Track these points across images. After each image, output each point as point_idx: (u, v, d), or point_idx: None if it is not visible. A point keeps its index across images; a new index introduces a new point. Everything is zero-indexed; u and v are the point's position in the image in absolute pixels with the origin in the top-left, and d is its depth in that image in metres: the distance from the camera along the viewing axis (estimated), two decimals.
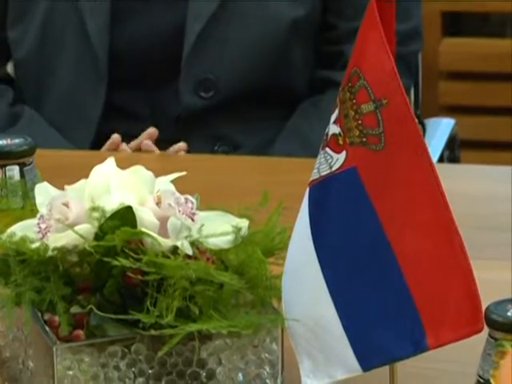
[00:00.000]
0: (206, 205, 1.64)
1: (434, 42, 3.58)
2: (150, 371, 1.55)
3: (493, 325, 1.43)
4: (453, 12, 3.70)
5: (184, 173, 1.65)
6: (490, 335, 1.43)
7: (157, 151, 2.25)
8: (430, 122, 2.72)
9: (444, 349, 1.46)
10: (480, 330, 1.44)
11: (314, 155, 1.51)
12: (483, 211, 1.70)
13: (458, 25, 3.73)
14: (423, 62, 2.72)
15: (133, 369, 1.54)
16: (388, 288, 1.46)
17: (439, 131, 2.61)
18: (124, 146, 2.26)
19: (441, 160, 2.57)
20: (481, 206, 1.67)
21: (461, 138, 2.70)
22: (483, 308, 1.44)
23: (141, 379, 1.55)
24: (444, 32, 3.71)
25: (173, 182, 1.64)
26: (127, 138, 2.30)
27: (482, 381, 1.43)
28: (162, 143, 2.29)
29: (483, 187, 1.98)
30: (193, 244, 1.57)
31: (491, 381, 1.42)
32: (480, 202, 1.72)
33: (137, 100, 2.32)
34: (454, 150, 2.61)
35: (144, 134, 2.27)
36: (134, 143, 2.29)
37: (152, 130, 2.26)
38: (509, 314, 1.42)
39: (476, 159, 2.78)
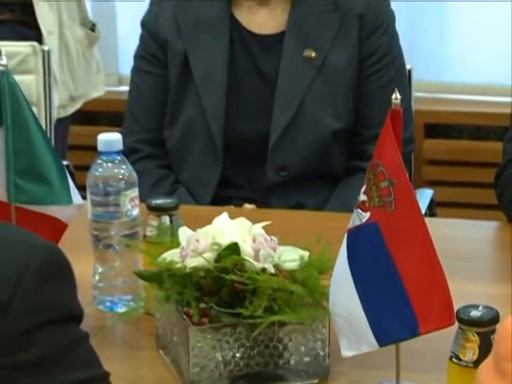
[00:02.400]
0: (283, 242, 1.60)
1: (420, 141, 3.54)
2: (247, 344, 1.53)
3: (461, 321, 1.40)
4: (431, 123, 3.65)
5: (269, 222, 1.62)
6: (459, 327, 1.40)
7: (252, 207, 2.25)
8: (418, 192, 2.70)
9: (430, 334, 1.42)
10: (453, 324, 1.40)
11: (350, 212, 1.49)
12: (453, 247, 1.67)
13: (435, 131, 3.68)
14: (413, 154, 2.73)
15: (237, 342, 1.53)
16: (395, 295, 1.43)
17: (423, 197, 2.57)
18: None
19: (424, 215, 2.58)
20: (451, 244, 1.62)
21: (437, 200, 2.68)
22: (455, 309, 1.40)
23: (242, 349, 1.53)
24: (426, 135, 3.67)
25: (263, 227, 1.60)
26: (234, 199, 2.28)
27: (453, 355, 1.40)
28: (256, 203, 2.26)
29: (452, 232, 1.96)
30: (275, 266, 1.54)
31: (460, 355, 1.39)
32: (451, 241, 1.67)
33: (239, 175, 2.29)
34: (433, 209, 2.57)
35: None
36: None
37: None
38: (471, 314, 1.39)
39: (446, 214, 2.73)
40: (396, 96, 1.37)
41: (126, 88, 3.53)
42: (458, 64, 3.67)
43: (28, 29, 3.00)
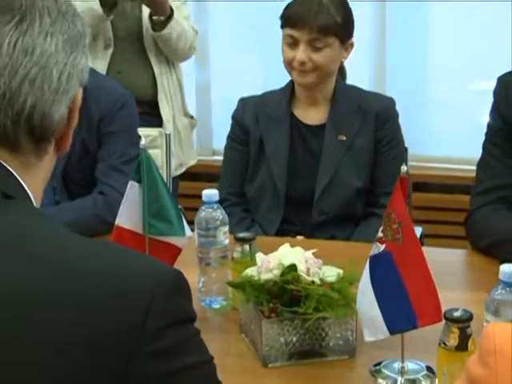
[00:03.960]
0: (324, 263, 1.56)
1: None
2: (301, 331, 1.51)
3: (447, 319, 1.35)
4: (417, 182, 3.57)
5: (315, 250, 1.58)
6: (445, 323, 1.35)
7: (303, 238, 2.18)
8: None
9: (425, 328, 1.38)
10: (441, 320, 1.36)
11: (368, 242, 1.48)
12: (437, 266, 1.57)
13: (420, 187, 3.59)
14: None
15: (294, 330, 1.50)
16: (401, 300, 1.38)
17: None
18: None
19: None
20: (436, 265, 1.54)
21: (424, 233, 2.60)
22: (442, 310, 1.36)
23: (297, 335, 1.51)
24: (414, 190, 3.57)
25: (312, 253, 1.57)
26: (290, 232, 2.22)
27: (441, 342, 1.35)
28: (304, 235, 2.20)
29: (436, 256, 1.90)
30: (320, 279, 1.51)
31: (445, 342, 1.34)
32: (436, 263, 1.59)
33: (294, 216, 2.24)
34: (422, 240, 2.49)
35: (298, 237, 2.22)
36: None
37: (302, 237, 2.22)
38: (454, 314, 1.35)
39: (429, 244, 2.64)
40: (404, 168, 1.34)
41: (216, 158, 3.58)
42: (436, 143, 3.61)
43: (153, 118, 3.02)
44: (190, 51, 3.00)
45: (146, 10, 2.85)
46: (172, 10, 2.80)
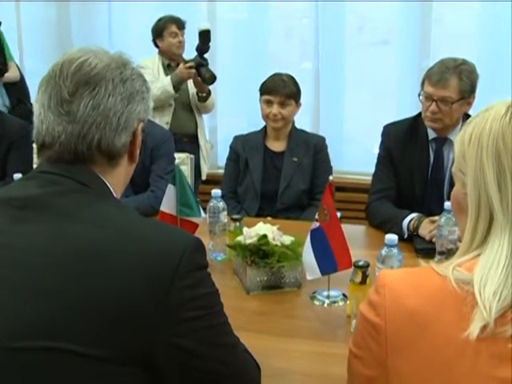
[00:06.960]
0: (284, 233, 1.54)
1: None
2: (270, 273, 1.48)
3: (354, 265, 1.33)
4: (338, 186, 3.48)
5: (278, 226, 1.57)
6: (354, 268, 1.33)
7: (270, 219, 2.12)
8: None
9: (342, 271, 1.37)
10: (351, 266, 1.34)
11: (310, 221, 1.43)
12: (351, 235, 1.52)
13: (340, 188, 3.50)
14: None
15: (265, 273, 1.47)
16: (328, 254, 1.38)
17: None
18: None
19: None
20: (350, 233, 1.51)
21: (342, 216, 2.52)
22: (352, 260, 1.35)
23: (268, 275, 1.47)
24: (336, 190, 3.47)
25: (277, 228, 1.54)
26: (263, 215, 2.16)
27: (351, 279, 1.32)
28: (272, 217, 2.14)
29: (348, 230, 1.87)
30: (281, 243, 1.49)
31: (354, 279, 1.32)
32: (349, 233, 1.54)
33: (266, 205, 2.19)
34: (341, 220, 2.41)
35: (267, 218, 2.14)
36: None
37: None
38: (358, 263, 1.33)
39: (346, 222, 2.61)
40: (330, 177, 1.35)
41: (220, 171, 3.51)
42: (349, 163, 3.58)
43: (193, 144, 3.05)
44: (212, 108, 3.17)
45: (191, 88, 3.00)
46: (209, 90, 2.99)
